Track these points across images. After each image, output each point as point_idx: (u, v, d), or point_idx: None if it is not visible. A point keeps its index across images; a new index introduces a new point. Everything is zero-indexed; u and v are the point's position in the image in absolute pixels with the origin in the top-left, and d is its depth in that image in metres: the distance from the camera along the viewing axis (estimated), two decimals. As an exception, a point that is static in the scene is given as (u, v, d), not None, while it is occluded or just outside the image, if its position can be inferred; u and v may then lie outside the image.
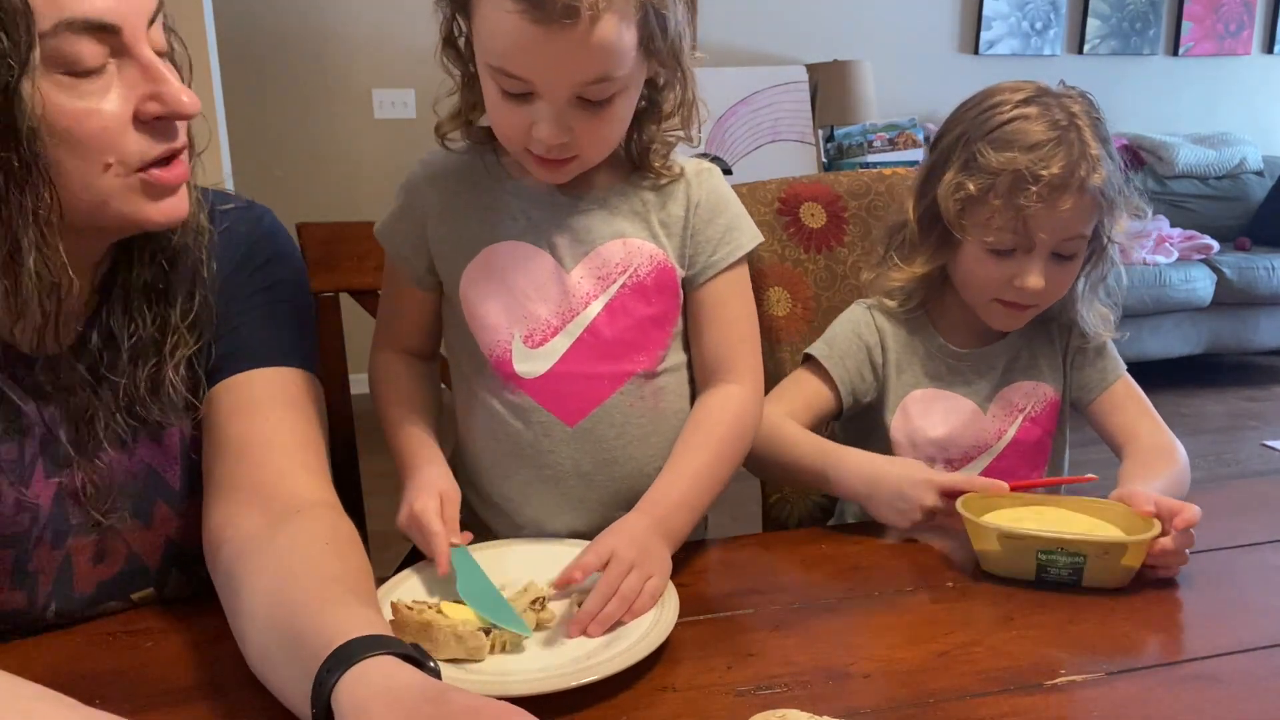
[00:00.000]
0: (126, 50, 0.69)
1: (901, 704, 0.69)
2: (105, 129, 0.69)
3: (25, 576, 0.80)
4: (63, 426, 0.79)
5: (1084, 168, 1.02)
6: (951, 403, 1.15)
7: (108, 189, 0.71)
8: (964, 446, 1.14)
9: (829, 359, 1.14)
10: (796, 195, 1.30)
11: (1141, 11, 4.61)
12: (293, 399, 0.84)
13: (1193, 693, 0.71)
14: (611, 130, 0.88)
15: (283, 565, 0.70)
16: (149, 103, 0.71)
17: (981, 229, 1.06)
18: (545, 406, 0.94)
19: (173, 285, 0.81)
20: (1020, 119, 1.05)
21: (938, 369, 1.16)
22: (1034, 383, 1.16)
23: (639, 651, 0.72)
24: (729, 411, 0.94)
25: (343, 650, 0.59)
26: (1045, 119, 1.04)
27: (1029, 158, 1.02)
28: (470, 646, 0.72)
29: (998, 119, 1.06)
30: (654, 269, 0.94)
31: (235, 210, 0.88)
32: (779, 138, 3.80)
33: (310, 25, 3.73)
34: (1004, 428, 1.15)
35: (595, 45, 0.79)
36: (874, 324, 1.16)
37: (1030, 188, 1.01)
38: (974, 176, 1.05)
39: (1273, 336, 4.10)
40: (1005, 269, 1.06)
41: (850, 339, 1.16)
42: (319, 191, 3.75)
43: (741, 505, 1.12)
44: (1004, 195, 1.03)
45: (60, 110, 0.66)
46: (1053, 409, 1.16)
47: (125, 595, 0.86)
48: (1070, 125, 1.04)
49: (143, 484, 0.84)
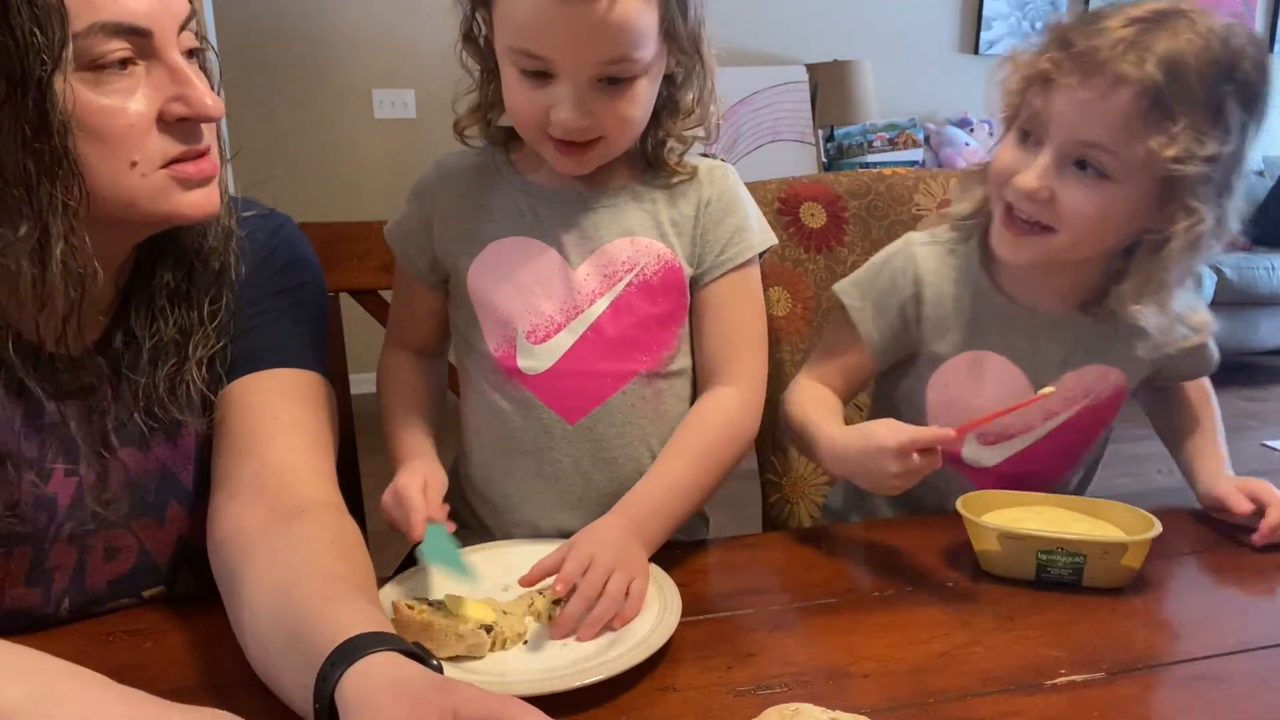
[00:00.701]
0: (156, 52, 0.71)
1: (901, 704, 0.69)
2: (131, 127, 0.70)
3: (41, 574, 0.81)
4: (82, 425, 0.80)
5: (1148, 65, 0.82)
6: (1001, 371, 1.00)
7: (135, 188, 0.72)
8: (1003, 423, 1.01)
9: (858, 309, 1.02)
10: (796, 195, 1.30)
11: (1141, 11, 4.61)
12: (304, 400, 0.85)
13: (1193, 693, 0.71)
14: (634, 114, 0.87)
15: (286, 563, 0.70)
16: (174, 104, 0.72)
17: (1015, 108, 0.92)
18: (546, 403, 0.94)
19: (196, 288, 0.82)
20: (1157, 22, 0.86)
21: (990, 330, 1.00)
22: (1107, 367, 1.00)
23: (642, 652, 0.72)
24: (720, 416, 0.94)
25: (346, 646, 0.59)
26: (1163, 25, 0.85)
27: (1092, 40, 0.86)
28: (471, 644, 0.73)
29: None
30: (661, 268, 0.94)
31: (256, 218, 0.90)
32: (779, 138, 3.80)
33: (310, 25, 3.73)
34: (1058, 409, 1.01)
35: (615, 23, 0.79)
36: (913, 266, 1.01)
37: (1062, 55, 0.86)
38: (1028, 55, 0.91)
39: (1273, 336, 4.10)
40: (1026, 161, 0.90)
41: (882, 281, 1.01)
42: (319, 191, 3.75)
43: (741, 505, 1.12)
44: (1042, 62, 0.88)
45: (89, 107, 0.68)
46: (1118, 398, 1.03)
47: (136, 593, 0.87)
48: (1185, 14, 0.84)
49: (157, 483, 0.85)
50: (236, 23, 3.45)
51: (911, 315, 1.02)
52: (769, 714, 0.63)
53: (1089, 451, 1.09)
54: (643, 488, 0.89)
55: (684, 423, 0.94)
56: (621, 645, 0.74)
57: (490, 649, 0.74)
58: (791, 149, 3.80)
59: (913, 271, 1.02)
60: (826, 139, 3.95)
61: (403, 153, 3.81)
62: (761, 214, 1.00)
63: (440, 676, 0.59)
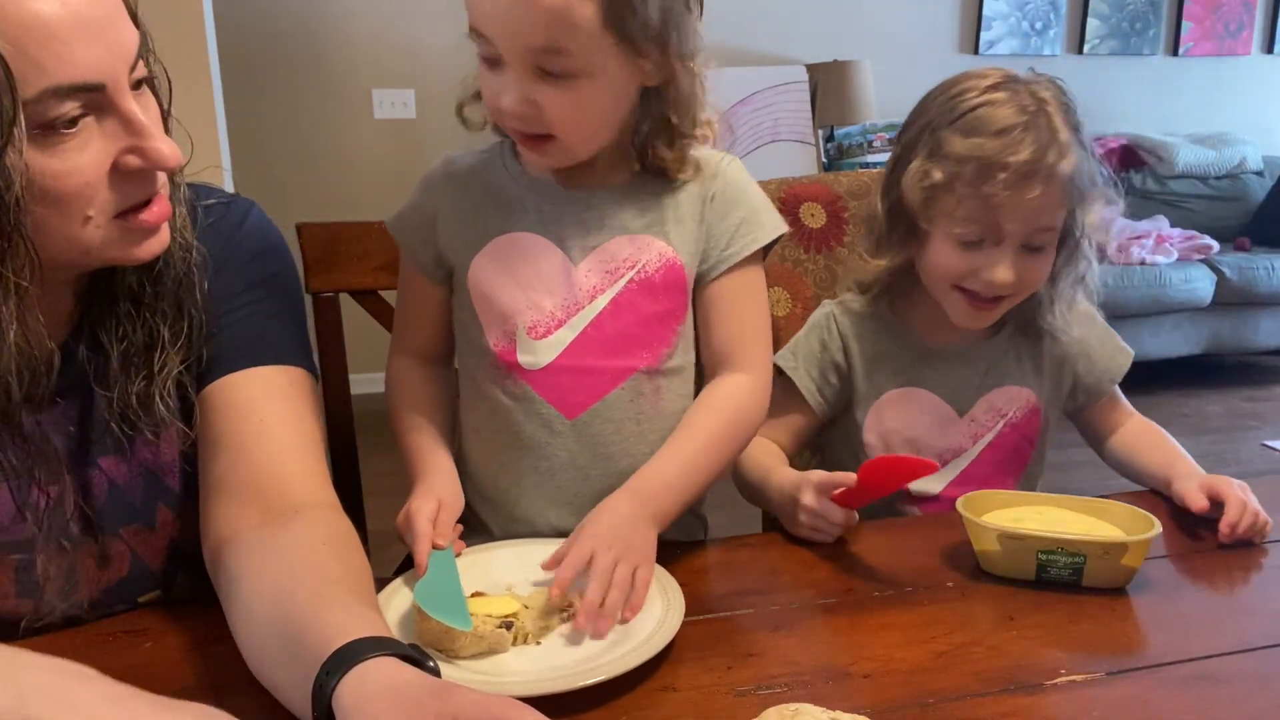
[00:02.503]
0: (108, 103, 0.68)
1: (901, 704, 0.69)
2: (86, 184, 0.68)
3: (31, 584, 0.80)
4: (60, 434, 0.78)
5: (1053, 154, 0.98)
6: (926, 402, 1.12)
7: (88, 239, 0.70)
8: (937, 449, 1.12)
9: (795, 370, 1.12)
10: (796, 195, 1.30)
11: (1141, 11, 4.61)
12: (286, 397, 0.84)
13: (1193, 693, 0.71)
14: (582, 115, 0.86)
15: (282, 567, 0.70)
16: (129, 156, 0.69)
17: (948, 219, 1.03)
18: (545, 398, 0.94)
19: (158, 291, 0.79)
20: (987, 104, 1.01)
21: (912, 368, 1.12)
22: (1018, 387, 1.13)
23: (645, 652, 0.72)
24: (733, 400, 0.95)
25: (342, 652, 0.59)
26: (1013, 104, 1.00)
27: (996, 144, 0.98)
28: (493, 642, 0.73)
29: (964, 105, 1.02)
30: (663, 266, 0.94)
31: (218, 205, 0.87)
32: (779, 138, 3.80)
33: (310, 25, 3.73)
34: (981, 432, 1.12)
35: (543, 7, 0.79)
36: (835, 326, 1.13)
37: (998, 175, 0.98)
38: (940, 164, 1.02)
39: (1273, 336, 4.10)
40: (972, 260, 1.03)
41: (813, 344, 1.13)
42: (319, 191, 3.75)
43: (741, 505, 1.12)
44: (970, 183, 0.99)
45: (42, 171, 0.65)
46: (1034, 415, 1.14)
47: (132, 599, 0.86)
48: (1039, 110, 1.00)
49: (143, 488, 0.84)
50: (236, 23, 3.45)
51: (843, 366, 1.13)
52: (769, 714, 0.63)
53: (1026, 467, 1.16)
54: (654, 464, 0.90)
55: (696, 404, 0.95)
56: (624, 645, 0.74)
57: (513, 643, 0.74)
58: (791, 149, 3.80)
59: (836, 330, 1.14)
60: (826, 139, 3.95)
61: (403, 153, 3.80)
62: (771, 204, 0.99)
63: (438, 681, 0.59)
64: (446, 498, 0.88)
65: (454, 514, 0.87)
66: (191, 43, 2.37)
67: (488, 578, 0.83)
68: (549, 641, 0.76)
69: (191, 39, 2.37)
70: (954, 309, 1.08)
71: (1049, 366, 1.14)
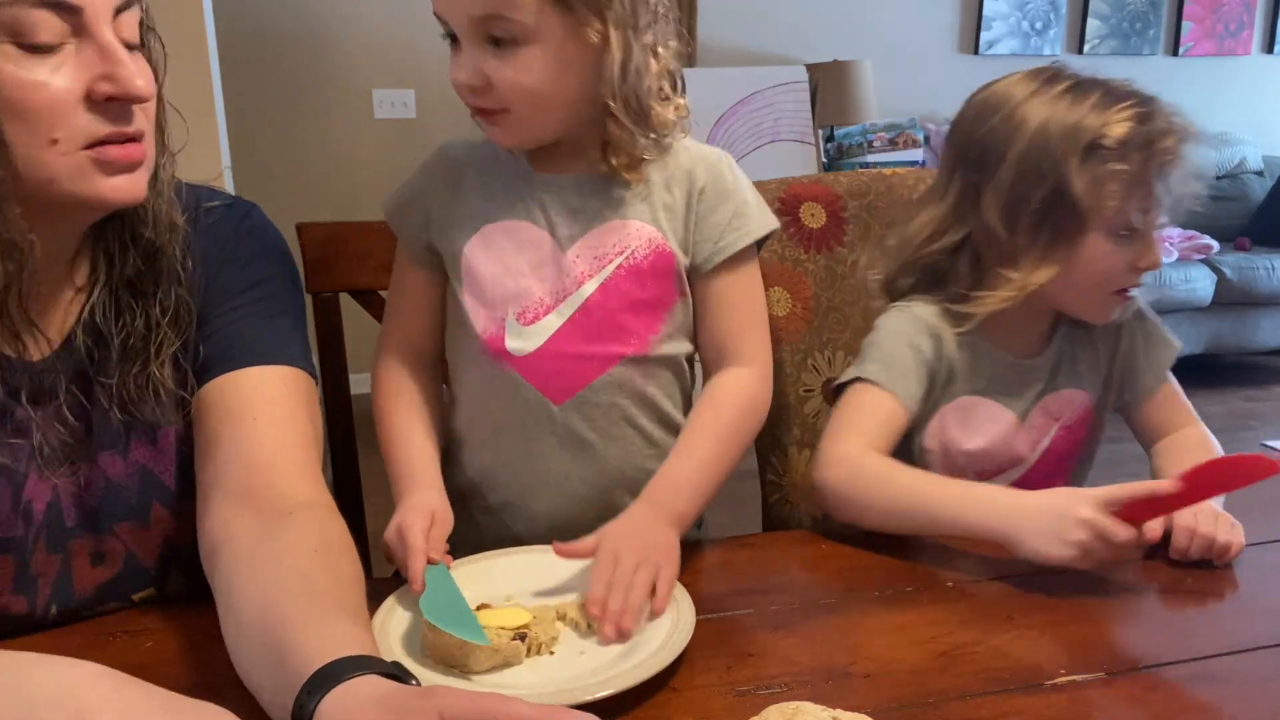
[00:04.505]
0: (87, 30, 0.69)
1: (901, 704, 0.69)
2: (54, 102, 0.68)
3: (26, 581, 0.80)
4: (56, 430, 0.78)
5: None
6: (990, 411, 1.08)
7: (54, 167, 0.70)
8: (998, 459, 1.08)
9: (892, 381, 1.04)
10: (796, 195, 1.30)
11: (1141, 11, 4.61)
12: (283, 398, 0.83)
13: (1193, 693, 0.71)
14: (528, 83, 0.86)
15: (270, 579, 0.69)
16: (102, 83, 0.70)
17: (1118, 212, 0.98)
18: (533, 384, 0.94)
19: (155, 281, 0.80)
20: (1103, 91, 1.00)
21: (985, 379, 1.08)
22: (1074, 390, 1.10)
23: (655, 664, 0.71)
24: (738, 394, 0.95)
25: (322, 672, 0.58)
26: (1101, 88, 1.00)
27: (1150, 116, 0.99)
28: (508, 654, 0.72)
29: (1086, 96, 0.99)
30: (651, 252, 0.94)
31: (221, 208, 0.87)
32: (779, 138, 3.79)
33: (310, 25, 3.73)
34: (1039, 438, 1.09)
35: None
36: (929, 332, 1.06)
37: (1165, 141, 0.98)
38: (1109, 159, 0.97)
39: (1273, 336, 4.10)
40: (1126, 254, 1.00)
41: (907, 353, 1.05)
42: (319, 191, 3.75)
43: (741, 505, 1.12)
44: (1139, 164, 0.97)
45: (10, 81, 0.66)
46: (1086, 415, 1.11)
47: (126, 596, 0.86)
48: (1145, 93, 1.01)
49: (138, 485, 0.84)
50: (236, 23, 3.45)
51: (937, 370, 1.06)
52: (769, 713, 0.63)
53: (1075, 469, 1.14)
54: (667, 468, 0.91)
55: (702, 402, 0.96)
56: (637, 655, 0.73)
57: (527, 654, 0.73)
58: (791, 149, 3.79)
59: (930, 331, 1.07)
60: (826, 139, 3.95)
61: (403, 153, 3.80)
62: (762, 199, 1.00)
63: (422, 688, 0.58)
64: (438, 514, 0.87)
65: (446, 530, 0.86)
66: (191, 43, 2.37)
67: (489, 590, 0.82)
68: (560, 652, 0.76)
69: (191, 39, 2.37)
70: (1104, 309, 1.05)
71: (1101, 363, 1.12)
